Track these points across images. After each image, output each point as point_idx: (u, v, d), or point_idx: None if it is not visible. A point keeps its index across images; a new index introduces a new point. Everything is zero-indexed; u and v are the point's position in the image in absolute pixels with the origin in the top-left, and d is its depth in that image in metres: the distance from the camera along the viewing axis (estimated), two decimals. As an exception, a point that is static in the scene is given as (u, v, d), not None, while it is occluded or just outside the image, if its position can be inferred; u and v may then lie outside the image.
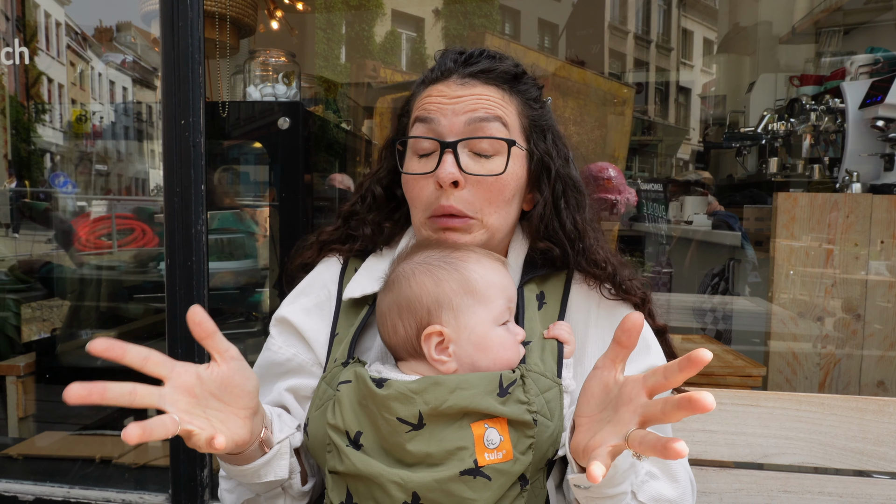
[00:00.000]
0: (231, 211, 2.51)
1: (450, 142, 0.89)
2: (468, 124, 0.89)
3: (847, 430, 1.21)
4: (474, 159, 0.90)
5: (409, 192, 0.95)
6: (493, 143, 0.89)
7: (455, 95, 0.91)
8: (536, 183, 0.95)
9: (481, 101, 0.90)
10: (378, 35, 7.45)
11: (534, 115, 0.96)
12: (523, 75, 0.96)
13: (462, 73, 0.92)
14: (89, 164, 3.46)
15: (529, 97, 0.96)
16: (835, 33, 3.54)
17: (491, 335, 0.83)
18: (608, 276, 0.92)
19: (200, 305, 0.71)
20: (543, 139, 0.95)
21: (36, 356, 2.42)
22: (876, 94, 2.29)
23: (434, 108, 0.91)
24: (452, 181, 0.88)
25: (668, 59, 9.14)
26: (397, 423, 0.76)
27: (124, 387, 0.65)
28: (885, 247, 1.95)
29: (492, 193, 0.90)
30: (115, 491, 1.67)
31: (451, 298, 0.82)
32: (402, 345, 0.85)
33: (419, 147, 0.93)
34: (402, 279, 0.85)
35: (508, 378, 0.79)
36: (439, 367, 0.82)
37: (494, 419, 0.77)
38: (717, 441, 1.25)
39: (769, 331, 2.03)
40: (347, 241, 1.04)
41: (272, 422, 0.87)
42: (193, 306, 0.71)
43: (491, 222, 0.91)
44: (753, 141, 3.33)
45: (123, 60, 4.00)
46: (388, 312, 0.86)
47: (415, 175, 0.92)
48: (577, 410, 0.73)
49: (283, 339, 0.99)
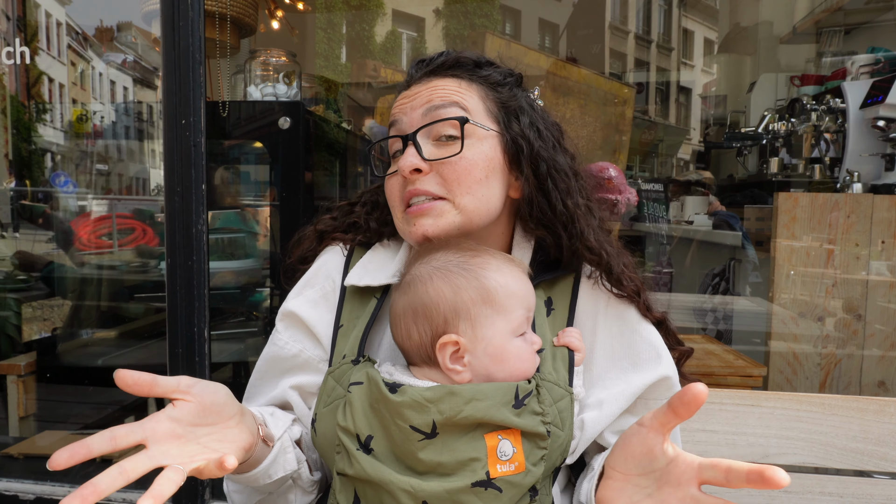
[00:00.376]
0: (234, 211, 2.52)
1: (408, 134, 0.90)
2: (425, 115, 0.90)
3: (848, 430, 1.21)
4: (437, 146, 0.90)
5: (387, 194, 0.95)
6: (454, 126, 0.89)
7: (413, 94, 0.93)
8: (517, 165, 0.93)
9: (436, 91, 0.91)
10: (379, 35, 7.45)
11: (501, 97, 0.94)
12: (486, 63, 0.96)
13: (421, 75, 0.95)
14: (90, 164, 3.46)
15: (493, 80, 0.95)
16: (836, 33, 3.54)
17: (508, 347, 0.81)
18: (603, 264, 0.91)
19: (121, 370, 0.67)
20: (517, 121, 0.93)
21: (37, 355, 2.42)
22: (877, 93, 2.29)
23: (397, 111, 0.94)
24: (413, 169, 0.88)
25: (669, 58, 9.13)
26: (410, 430, 0.75)
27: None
28: (886, 247, 1.94)
29: (458, 174, 0.88)
30: (117, 490, 1.67)
31: (468, 308, 0.80)
32: (415, 350, 0.83)
33: (391, 149, 0.95)
34: (419, 283, 0.83)
35: (525, 389, 0.78)
36: (453, 377, 0.80)
37: (508, 430, 0.76)
38: (718, 441, 1.24)
39: (770, 331, 2.03)
40: (350, 231, 1.03)
41: (265, 420, 0.86)
42: (116, 372, 0.67)
43: (464, 203, 0.88)
44: (754, 141, 3.33)
45: (124, 60, 4.00)
46: (403, 316, 0.83)
47: (387, 176, 0.93)
48: (611, 461, 0.72)
49: (289, 333, 0.97)
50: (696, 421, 1.24)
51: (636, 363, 0.89)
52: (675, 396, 0.64)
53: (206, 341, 1.59)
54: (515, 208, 0.97)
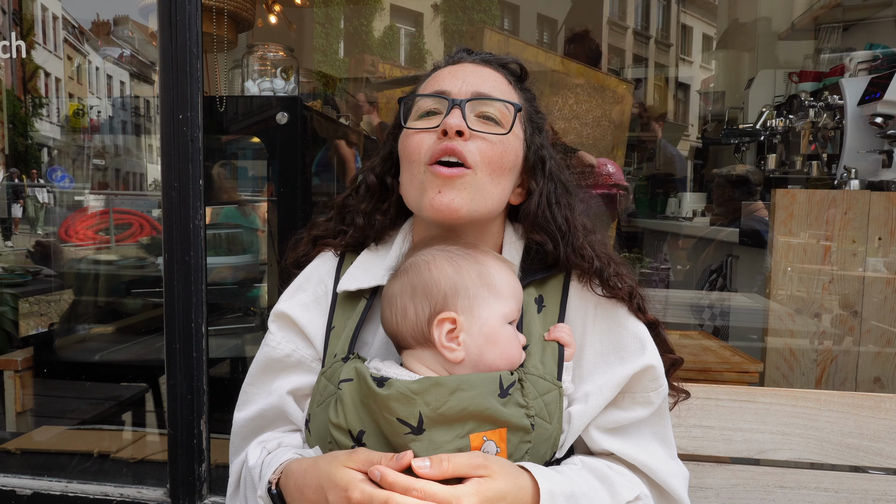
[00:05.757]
0: (235, 206, 2.51)
1: (461, 99, 0.91)
2: (478, 90, 0.93)
3: (843, 426, 1.22)
4: (480, 121, 0.92)
5: (407, 147, 0.94)
6: (499, 111, 0.93)
7: (466, 70, 0.96)
8: (532, 172, 0.98)
9: (491, 80, 0.96)
10: (377, 30, 7.43)
11: (530, 111, 1.00)
12: (525, 76, 1.03)
13: (474, 60, 0.99)
14: (87, 159, 3.45)
15: (528, 96, 1.01)
16: (834, 30, 3.54)
17: (501, 331, 0.84)
18: (595, 271, 0.93)
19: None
20: (539, 135, 1.00)
21: (34, 351, 2.42)
22: (875, 90, 2.29)
23: (446, 78, 0.96)
24: (458, 130, 0.88)
25: (668, 54, 9.12)
26: (397, 423, 0.77)
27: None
28: (883, 243, 1.95)
29: (493, 153, 0.91)
30: (114, 485, 1.67)
31: (468, 287, 0.83)
32: (409, 330, 0.84)
33: (424, 107, 0.95)
34: (421, 264, 0.86)
35: (508, 379, 0.80)
36: (447, 355, 0.82)
37: (493, 431, 0.78)
38: (714, 437, 1.25)
39: (766, 327, 2.03)
40: (339, 235, 1.05)
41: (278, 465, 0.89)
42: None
43: (484, 183, 0.90)
44: (752, 137, 3.33)
45: (121, 54, 3.99)
46: (400, 295, 0.85)
47: (417, 130, 0.93)
48: None
49: (282, 334, 0.99)
50: (692, 417, 1.25)
51: (622, 356, 0.91)
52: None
53: (203, 337, 1.59)
54: (509, 212, 1.01)
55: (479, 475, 0.74)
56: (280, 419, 0.98)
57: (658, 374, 0.91)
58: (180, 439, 1.59)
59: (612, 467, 0.88)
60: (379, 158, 1.04)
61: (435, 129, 0.90)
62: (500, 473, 0.75)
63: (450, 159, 0.88)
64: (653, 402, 0.90)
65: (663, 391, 0.92)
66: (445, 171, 0.88)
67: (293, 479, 0.83)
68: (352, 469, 0.76)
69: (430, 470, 0.73)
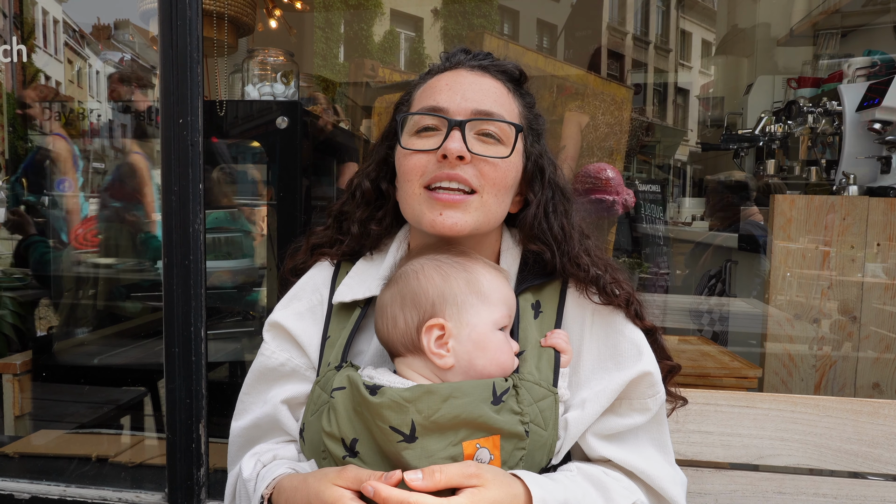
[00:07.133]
0: (224, 210, 2.51)
1: (459, 120, 0.89)
2: (478, 107, 0.91)
3: (842, 431, 1.22)
4: (480, 142, 0.90)
5: (404, 167, 0.93)
6: (500, 129, 0.91)
7: (463, 81, 0.93)
8: (530, 183, 0.97)
9: (491, 92, 0.93)
10: (377, 34, 7.44)
11: (530, 118, 0.99)
12: (524, 80, 1.01)
13: (472, 65, 0.96)
14: (86, 163, 3.45)
15: (527, 102, 1.00)
16: (832, 36, 3.55)
17: (491, 336, 0.83)
18: (592, 279, 0.93)
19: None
20: (538, 142, 0.99)
21: (33, 354, 2.41)
22: (873, 96, 2.29)
23: (444, 89, 0.92)
24: (459, 155, 0.87)
25: (667, 60, 9.14)
26: (390, 431, 0.76)
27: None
28: (882, 249, 1.95)
29: (496, 175, 0.90)
30: (112, 489, 1.67)
31: (456, 294, 0.83)
32: (399, 338, 0.85)
33: (421, 123, 0.93)
34: (410, 273, 0.86)
35: (501, 386, 0.80)
36: (436, 361, 0.82)
37: (486, 438, 0.78)
38: (713, 442, 1.25)
39: (765, 332, 2.03)
40: (335, 244, 1.05)
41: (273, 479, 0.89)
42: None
43: (489, 203, 0.90)
44: (751, 143, 3.33)
45: (121, 58, 3.99)
46: (390, 304, 0.86)
47: (414, 150, 0.91)
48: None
49: (276, 343, 1.00)
50: (691, 422, 1.25)
51: (619, 363, 0.91)
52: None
53: (202, 340, 1.59)
54: (506, 218, 1.00)
55: (472, 485, 0.74)
56: (275, 429, 0.98)
57: (655, 380, 0.91)
58: (179, 443, 1.59)
59: (608, 473, 0.88)
60: (373, 163, 1.03)
61: (434, 150, 0.89)
62: (493, 482, 0.74)
63: (451, 185, 0.88)
64: (650, 408, 0.90)
65: (660, 398, 0.92)
66: (447, 198, 0.88)
67: (284, 495, 0.83)
68: (340, 487, 0.76)
69: (422, 482, 0.73)
